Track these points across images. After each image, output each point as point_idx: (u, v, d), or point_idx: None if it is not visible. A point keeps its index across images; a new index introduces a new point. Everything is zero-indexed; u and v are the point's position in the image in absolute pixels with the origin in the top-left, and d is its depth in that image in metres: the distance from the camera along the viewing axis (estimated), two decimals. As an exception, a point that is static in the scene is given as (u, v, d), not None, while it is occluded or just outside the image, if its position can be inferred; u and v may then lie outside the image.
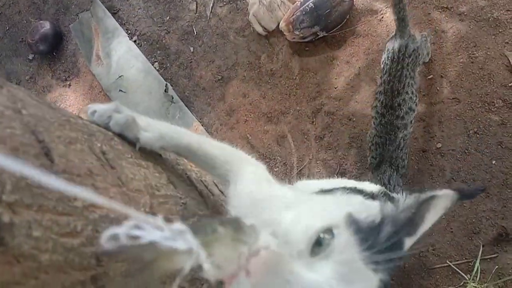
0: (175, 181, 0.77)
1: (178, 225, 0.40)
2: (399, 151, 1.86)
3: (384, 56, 1.91)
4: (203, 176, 0.87)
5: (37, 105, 0.58)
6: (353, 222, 0.62)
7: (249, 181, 0.81)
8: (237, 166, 0.84)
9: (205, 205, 0.82)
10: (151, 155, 0.76)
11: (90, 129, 0.66)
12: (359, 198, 0.91)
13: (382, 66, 1.92)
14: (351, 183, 1.24)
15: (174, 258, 0.41)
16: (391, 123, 1.83)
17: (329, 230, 0.60)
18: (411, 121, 1.87)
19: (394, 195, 1.23)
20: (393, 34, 1.92)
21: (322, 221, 0.61)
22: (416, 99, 1.87)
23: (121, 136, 0.73)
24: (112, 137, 0.70)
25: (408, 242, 0.64)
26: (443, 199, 0.64)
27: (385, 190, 1.21)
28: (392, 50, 1.85)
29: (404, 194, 1.25)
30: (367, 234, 0.61)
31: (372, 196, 1.07)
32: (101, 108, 0.73)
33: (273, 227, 0.60)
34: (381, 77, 1.91)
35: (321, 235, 0.59)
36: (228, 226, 0.48)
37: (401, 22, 1.87)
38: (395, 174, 1.85)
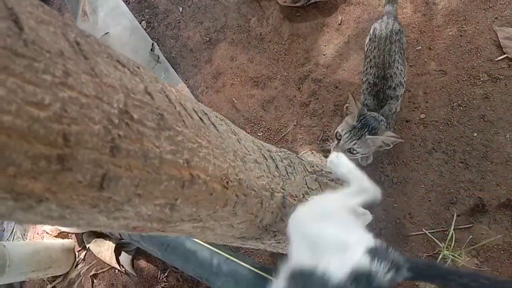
0: (153, 93, 0.75)
1: None
2: (392, 114, 1.84)
3: (371, 35, 1.90)
4: (182, 100, 0.85)
5: (8, -18, 0.54)
6: None
7: None
8: None
9: (183, 123, 0.80)
10: (129, 66, 0.73)
11: (65, 21, 0.63)
12: None
13: (367, 47, 1.91)
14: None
15: None
16: (383, 91, 1.82)
17: None
18: (401, 95, 1.86)
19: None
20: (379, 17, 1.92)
21: None
22: (405, 78, 1.87)
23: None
24: (89, 35, 0.67)
25: None
26: None
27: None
28: (379, 28, 1.86)
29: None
30: None
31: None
32: None
33: None
34: (367, 57, 1.89)
35: None
36: None
37: None
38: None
